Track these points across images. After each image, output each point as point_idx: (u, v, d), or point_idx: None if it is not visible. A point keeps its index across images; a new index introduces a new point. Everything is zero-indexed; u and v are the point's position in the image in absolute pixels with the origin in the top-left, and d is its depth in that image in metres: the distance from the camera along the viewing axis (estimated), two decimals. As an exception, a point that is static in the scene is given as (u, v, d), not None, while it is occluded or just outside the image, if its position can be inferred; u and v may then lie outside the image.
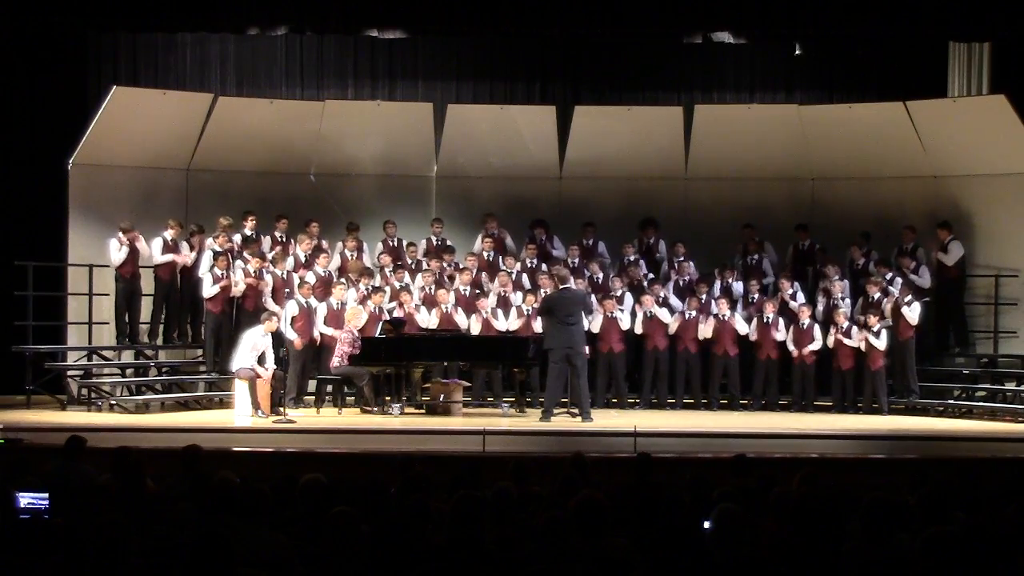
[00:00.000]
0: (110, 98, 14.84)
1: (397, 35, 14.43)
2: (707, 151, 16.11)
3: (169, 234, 14.51)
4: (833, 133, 15.86)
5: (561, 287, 13.23)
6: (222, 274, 14.15)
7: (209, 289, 14.18)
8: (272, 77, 17.25)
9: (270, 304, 14.16)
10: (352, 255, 15.07)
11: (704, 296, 14.68)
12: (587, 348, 13.43)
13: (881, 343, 13.93)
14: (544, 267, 15.10)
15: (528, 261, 15.30)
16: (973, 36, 14.98)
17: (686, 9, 13.65)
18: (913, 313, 14.06)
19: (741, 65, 17.42)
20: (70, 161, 14.85)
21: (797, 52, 16.12)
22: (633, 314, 14.56)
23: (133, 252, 14.37)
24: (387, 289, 14.59)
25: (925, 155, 15.54)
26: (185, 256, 14.55)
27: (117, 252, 14.31)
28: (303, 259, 14.76)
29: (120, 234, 14.29)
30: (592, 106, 16.69)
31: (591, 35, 15.56)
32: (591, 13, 13.64)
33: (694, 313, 14.53)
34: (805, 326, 14.31)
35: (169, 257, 14.48)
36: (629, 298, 14.73)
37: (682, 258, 15.34)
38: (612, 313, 14.40)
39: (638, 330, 14.52)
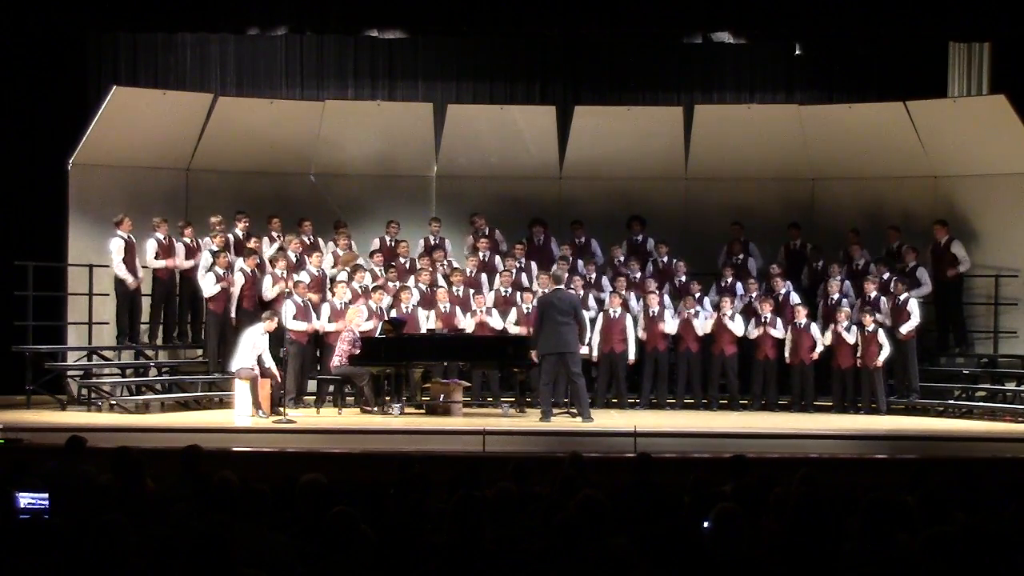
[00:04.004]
0: (110, 98, 14.84)
1: (397, 35, 14.44)
2: (707, 151, 16.11)
3: (160, 234, 14.51)
4: (833, 133, 15.85)
5: (554, 288, 13.20)
6: (224, 273, 14.16)
7: (211, 289, 14.19)
8: (272, 77, 17.24)
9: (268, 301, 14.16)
10: (343, 253, 15.07)
11: (698, 294, 14.66)
12: (583, 348, 13.40)
13: (883, 338, 13.96)
14: (534, 266, 15.07)
15: (518, 261, 15.26)
16: (973, 36, 14.98)
17: (686, 9, 13.65)
18: (913, 316, 14.10)
19: (741, 65, 17.42)
20: (70, 161, 14.84)
21: (797, 52, 16.13)
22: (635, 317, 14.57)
23: (132, 251, 14.37)
24: (386, 289, 14.58)
25: (925, 155, 15.53)
26: (174, 262, 14.54)
27: (118, 253, 14.31)
28: (294, 259, 14.71)
29: (118, 231, 14.28)
30: (592, 106, 16.67)
31: (591, 35, 15.57)
32: (591, 13, 13.64)
33: (693, 311, 14.52)
34: (802, 326, 14.30)
35: (162, 263, 14.47)
36: (634, 302, 14.71)
37: (666, 258, 15.30)
38: (614, 311, 14.39)
39: (641, 334, 14.50)
